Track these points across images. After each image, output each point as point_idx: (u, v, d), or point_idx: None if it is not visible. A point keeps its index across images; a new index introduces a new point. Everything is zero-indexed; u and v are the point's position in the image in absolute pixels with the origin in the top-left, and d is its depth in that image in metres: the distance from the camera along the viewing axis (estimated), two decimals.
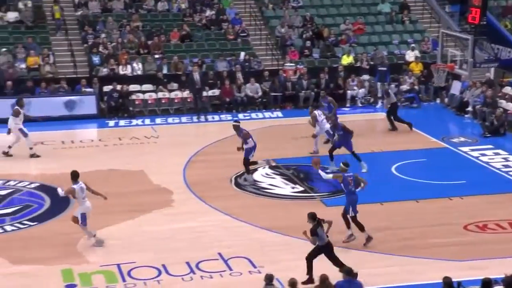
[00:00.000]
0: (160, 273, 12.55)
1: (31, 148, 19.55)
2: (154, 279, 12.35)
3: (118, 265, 12.72)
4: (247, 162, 17.40)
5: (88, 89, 24.33)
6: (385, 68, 26.05)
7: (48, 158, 19.45)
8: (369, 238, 13.70)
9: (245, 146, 17.39)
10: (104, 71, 25.32)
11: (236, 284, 11.92)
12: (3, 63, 24.64)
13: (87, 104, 23.90)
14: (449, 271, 11.52)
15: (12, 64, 24.70)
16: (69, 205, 15.97)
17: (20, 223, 14.94)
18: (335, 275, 10.45)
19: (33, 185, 17.14)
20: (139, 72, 25.66)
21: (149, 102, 25.02)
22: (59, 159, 19.33)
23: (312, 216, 12.03)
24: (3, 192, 16.59)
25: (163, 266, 12.74)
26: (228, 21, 28.59)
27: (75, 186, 13.63)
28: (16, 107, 19.73)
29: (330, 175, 14.61)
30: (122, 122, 23.63)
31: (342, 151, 18.28)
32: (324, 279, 10.31)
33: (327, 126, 19.30)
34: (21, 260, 13.03)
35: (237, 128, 17.70)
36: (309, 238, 11.94)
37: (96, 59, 25.67)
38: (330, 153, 18.36)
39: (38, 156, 19.44)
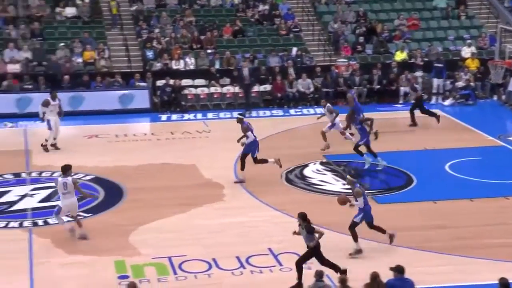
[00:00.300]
0: (210, 266, 12.64)
1: (53, 144, 19.62)
2: (205, 273, 12.43)
3: (170, 258, 12.85)
4: (244, 157, 17.08)
5: (142, 84, 24.66)
6: (441, 65, 25.65)
7: (102, 151, 19.78)
8: (391, 236, 13.27)
9: (246, 141, 17.14)
10: (157, 65, 25.62)
11: (286, 280, 11.89)
12: (60, 58, 25.16)
13: (141, 98, 24.24)
14: (505, 272, 11.24)
15: (69, 58, 25.21)
16: (123, 197, 16.27)
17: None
18: (386, 273, 10.33)
19: (88, 178, 17.47)
20: (192, 67, 25.86)
21: (201, 97, 25.20)
22: (112, 152, 19.66)
23: (303, 216, 11.84)
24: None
25: (214, 260, 12.82)
26: (280, 17, 28.55)
27: (59, 179, 13.75)
28: (47, 98, 19.79)
29: (358, 202, 13.18)
30: (174, 117, 23.88)
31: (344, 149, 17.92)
32: (374, 276, 10.20)
33: (338, 120, 19.41)
34: (76, 251, 13.28)
35: (240, 121, 17.43)
36: (312, 244, 11.67)
37: (150, 54, 25.99)
38: (369, 151, 18.10)
39: (57, 149, 19.63)
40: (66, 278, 12.15)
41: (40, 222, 14.81)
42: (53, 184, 16.84)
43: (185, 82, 25.27)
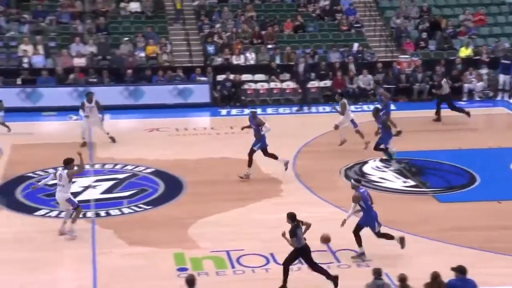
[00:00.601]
0: (268, 261, 12.65)
1: (83, 138, 19.53)
2: (262, 267, 12.47)
3: (228, 252, 12.93)
4: (265, 153, 17.06)
5: (202, 78, 24.87)
6: (508, 61, 24.98)
7: (162, 145, 20.04)
8: (402, 239, 12.83)
9: (261, 134, 17.09)
10: (218, 60, 25.78)
11: (344, 277, 11.80)
12: (124, 52, 25.60)
13: (201, 92, 24.46)
14: None
15: (132, 52, 25.64)
16: (182, 190, 16.45)
17: (136, 206, 15.50)
18: (447, 273, 10.13)
19: (148, 170, 17.73)
20: (252, 62, 25.93)
21: (261, 92, 25.24)
22: (173, 146, 19.89)
23: (292, 217, 11.58)
24: (121, 176, 17.27)
25: (271, 255, 12.83)
26: (342, 12, 28.32)
27: (59, 169, 13.88)
28: (83, 101, 19.79)
29: (350, 210, 12.89)
30: (234, 111, 23.98)
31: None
32: (435, 276, 10.02)
33: (352, 116, 19.05)
34: (136, 242, 13.50)
35: (253, 114, 17.35)
36: (288, 239, 11.45)
37: (211, 49, 26.18)
38: (382, 150, 17.89)
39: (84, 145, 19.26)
40: (127, 268, 12.38)
41: (102, 213, 15.12)
42: (115, 176, 17.25)
43: (245, 77, 25.35)
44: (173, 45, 26.59)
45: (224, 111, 24.02)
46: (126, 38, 26.06)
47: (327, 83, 25.25)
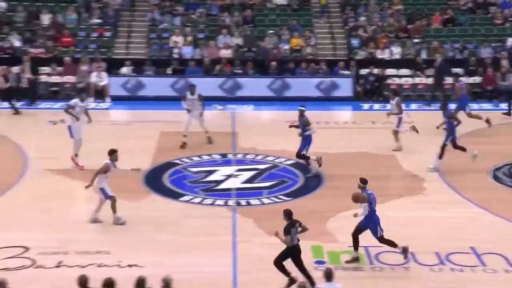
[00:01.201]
0: (407, 260, 12.37)
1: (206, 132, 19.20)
2: (402, 266, 12.21)
3: (366, 248, 12.76)
4: (300, 154, 16.63)
5: (345, 72, 24.71)
6: None
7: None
8: (405, 249, 12.13)
9: (305, 134, 16.60)
10: (362, 54, 25.49)
11: (489, 282, 11.32)
12: (269, 44, 25.97)
13: (344, 86, 24.31)
14: None
15: (276, 45, 25.95)
16: (322, 183, 16.45)
17: (276, 197, 15.70)
18: None
19: (289, 162, 17.88)
20: (397, 56, 25.40)
21: (405, 87, 24.67)
22: (313, 139, 19.87)
23: (288, 214, 11.31)
24: (262, 167, 17.56)
25: (411, 253, 12.52)
26: (496, 5, 27.05)
27: (111, 165, 13.89)
28: (186, 93, 19.41)
29: (361, 209, 12.40)
30: (376, 106, 23.63)
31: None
32: None
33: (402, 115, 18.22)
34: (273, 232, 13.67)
35: (301, 113, 16.88)
36: (281, 238, 11.17)
37: (355, 42, 25.93)
38: (457, 147, 16.81)
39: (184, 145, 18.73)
40: (266, 257, 12.49)
41: (243, 202, 15.45)
42: (256, 166, 17.56)
43: (389, 71, 24.89)
44: (317, 38, 26.61)
45: (366, 106, 23.73)
46: (271, 31, 26.40)
47: (477, 79, 24.22)
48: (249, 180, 16.75)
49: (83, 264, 11.99)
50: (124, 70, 24.85)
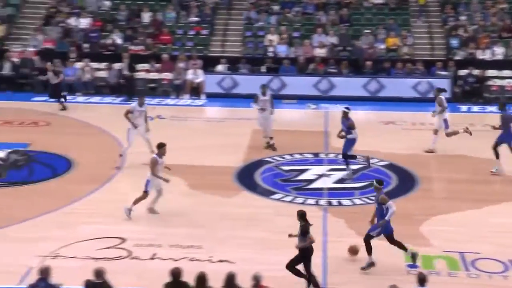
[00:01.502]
0: (506, 268, 11.92)
1: (270, 138, 18.70)
2: (500, 274, 11.76)
3: (461, 254, 12.37)
4: (346, 154, 16.31)
5: (443, 72, 24.05)
6: None
7: (397, 138, 19.76)
8: (413, 255, 11.85)
9: (348, 136, 16.22)
10: (461, 54, 24.75)
11: None
12: (364, 44, 25.65)
13: (441, 87, 23.62)
14: None
15: (372, 44, 25.59)
16: (415, 186, 16.07)
17: (368, 198, 15.45)
18: None
19: (382, 163, 17.59)
20: (499, 57, 24.50)
21: (507, 89, 23.81)
22: (407, 140, 19.52)
23: (302, 215, 11.14)
24: (355, 167, 17.34)
25: (510, 261, 12.04)
26: None
27: (158, 158, 13.86)
28: (257, 93, 18.95)
29: (390, 210, 11.85)
30: (475, 108, 22.91)
31: None
32: None
33: (447, 115, 17.40)
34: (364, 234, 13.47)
35: (345, 115, 16.33)
36: (305, 245, 11.00)
37: (454, 42, 25.21)
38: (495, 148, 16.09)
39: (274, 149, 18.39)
40: (357, 258, 12.37)
41: (334, 202, 15.32)
42: (349, 166, 17.34)
43: (490, 72, 24.05)
44: (414, 37, 26.04)
45: (464, 108, 23.03)
46: (367, 30, 26.05)
47: None
48: (341, 180, 16.59)
49: (176, 257, 12.21)
50: (220, 68, 25.19)
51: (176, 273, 9.86)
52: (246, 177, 16.73)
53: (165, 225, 13.75)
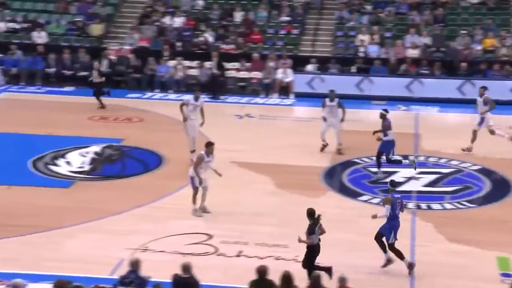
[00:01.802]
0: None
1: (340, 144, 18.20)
2: None
3: None
4: (380, 155, 16.18)
5: None
6: None
7: (489, 142, 19.06)
8: (411, 265, 11.66)
9: (384, 138, 15.97)
10: None
11: None
12: (460, 44, 24.93)
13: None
14: None
15: (468, 45, 24.84)
16: (510, 192, 15.51)
17: (459, 203, 15.06)
18: None
19: (474, 167, 17.07)
20: None
21: None
22: (503, 144, 18.82)
23: (311, 213, 11.13)
24: (446, 171, 16.91)
25: None
26: None
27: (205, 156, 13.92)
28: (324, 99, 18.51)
29: (385, 212, 11.80)
30: None
31: None
32: None
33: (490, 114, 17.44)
34: (457, 239, 13.11)
35: (383, 117, 16.14)
36: (305, 241, 11.02)
37: None
38: None
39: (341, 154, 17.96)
40: (444, 264, 12.11)
41: (423, 205, 14.99)
42: (439, 170, 16.93)
43: None
44: None
45: None
46: (464, 31, 25.31)
47: None
48: (431, 184, 16.23)
49: (261, 255, 12.29)
50: (309, 67, 25.12)
51: (262, 271, 9.91)
52: (332, 178, 16.63)
53: (251, 223, 13.86)
